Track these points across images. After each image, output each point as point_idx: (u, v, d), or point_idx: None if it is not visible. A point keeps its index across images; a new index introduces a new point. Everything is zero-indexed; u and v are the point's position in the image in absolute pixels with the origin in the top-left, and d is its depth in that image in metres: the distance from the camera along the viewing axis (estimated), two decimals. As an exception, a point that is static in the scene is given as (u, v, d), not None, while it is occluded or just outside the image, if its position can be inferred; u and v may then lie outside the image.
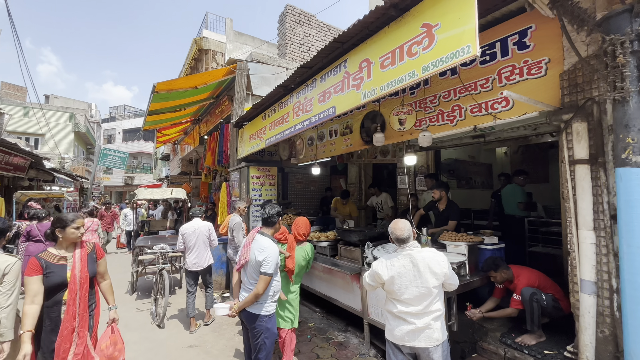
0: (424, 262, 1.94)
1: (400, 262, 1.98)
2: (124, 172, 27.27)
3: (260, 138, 4.93)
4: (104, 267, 2.41)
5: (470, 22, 1.91)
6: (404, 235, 2.00)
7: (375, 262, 2.09)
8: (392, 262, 2.00)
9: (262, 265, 2.29)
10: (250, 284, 2.38)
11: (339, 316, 4.21)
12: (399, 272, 1.95)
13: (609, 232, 2.17)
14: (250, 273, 2.39)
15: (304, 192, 6.88)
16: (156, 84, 5.25)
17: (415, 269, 1.94)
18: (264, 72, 6.30)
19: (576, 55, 2.11)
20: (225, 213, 6.26)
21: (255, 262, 2.34)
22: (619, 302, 2.13)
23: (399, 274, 1.95)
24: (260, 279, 2.29)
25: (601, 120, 2.23)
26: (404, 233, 2.01)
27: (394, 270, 1.97)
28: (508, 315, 2.78)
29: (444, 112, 3.35)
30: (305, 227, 3.20)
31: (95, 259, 2.32)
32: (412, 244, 2.02)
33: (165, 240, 5.59)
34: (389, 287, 1.98)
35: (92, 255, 2.30)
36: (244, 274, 2.46)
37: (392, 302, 2.01)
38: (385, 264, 2.02)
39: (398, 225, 2.05)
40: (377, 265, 2.04)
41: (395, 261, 1.99)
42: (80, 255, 2.22)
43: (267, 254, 2.31)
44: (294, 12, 6.90)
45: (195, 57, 11.50)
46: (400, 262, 1.98)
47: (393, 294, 1.98)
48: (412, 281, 1.93)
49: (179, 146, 13.22)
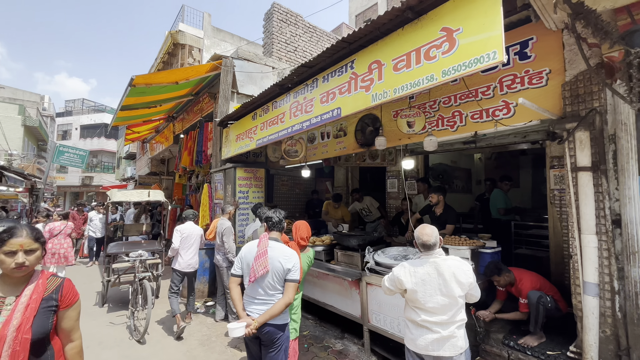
0: (449, 271, 1.89)
1: (425, 269, 1.92)
2: (82, 172, 25.15)
3: (250, 138, 4.71)
4: (73, 320, 1.47)
5: (496, 29, 1.92)
6: (431, 242, 1.95)
7: (397, 267, 2.02)
8: (416, 269, 1.94)
9: (291, 272, 2.21)
10: (269, 295, 2.19)
11: (333, 323, 4.11)
12: (423, 280, 1.89)
13: (611, 237, 2.29)
14: (271, 283, 2.20)
15: (289, 194, 6.71)
16: (134, 76, 4.84)
17: (440, 277, 1.88)
18: (250, 70, 6.07)
19: (587, 67, 2.21)
20: (206, 216, 5.92)
21: (282, 270, 2.20)
22: (620, 303, 2.24)
23: (423, 282, 1.89)
24: (290, 287, 2.20)
25: (603, 129, 2.36)
26: (430, 239, 1.95)
27: (417, 277, 1.91)
28: (519, 318, 2.85)
29: (444, 117, 3.39)
30: (307, 230, 3.03)
31: (57, 306, 1.41)
32: (437, 251, 1.97)
33: (141, 246, 5.15)
34: (411, 295, 1.92)
35: (51, 302, 1.39)
36: (254, 286, 2.21)
37: (414, 311, 1.95)
38: (409, 270, 1.95)
39: (425, 231, 1.99)
40: (399, 271, 1.98)
41: (419, 268, 1.93)
42: (28, 300, 1.33)
43: (295, 261, 2.25)
44: (281, 11, 6.75)
45: (169, 52, 10.90)
46: (425, 270, 1.92)
47: (416, 302, 1.92)
48: (437, 290, 1.87)
49: (148, 145, 12.43)
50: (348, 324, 3.88)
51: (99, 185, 24.26)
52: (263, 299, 2.19)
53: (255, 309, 2.18)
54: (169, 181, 11.74)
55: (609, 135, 2.32)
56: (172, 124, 9.45)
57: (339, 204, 5.42)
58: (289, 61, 6.92)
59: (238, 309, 2.21)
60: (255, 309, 2.18)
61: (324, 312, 4.19)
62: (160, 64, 11.52)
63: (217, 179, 5.72)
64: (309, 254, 2.99)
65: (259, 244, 2.30)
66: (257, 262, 2.19)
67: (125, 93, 5.29)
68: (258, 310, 2.17)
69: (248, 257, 2.29)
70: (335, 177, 6.79)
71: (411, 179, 5.23)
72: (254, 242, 2.38)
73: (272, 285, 2.19)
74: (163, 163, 12.13)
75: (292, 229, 3.14)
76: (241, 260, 2.33)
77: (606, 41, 1.76)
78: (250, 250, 2.31)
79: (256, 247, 2.28)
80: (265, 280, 2.19)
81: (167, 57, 11.30)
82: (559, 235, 3.59)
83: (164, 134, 10.34)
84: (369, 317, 3.38)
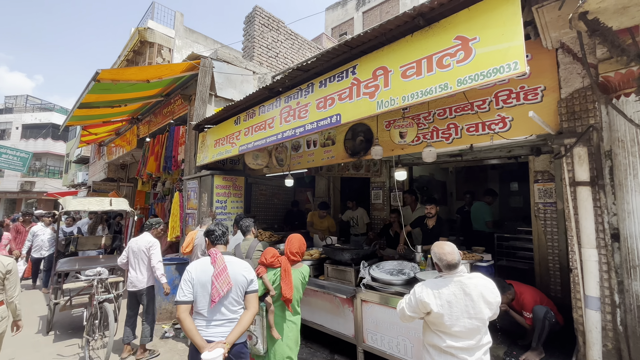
0: (477, 290, 1.75)
1: (450, 289, 1.76)
2: (21, 176, 22.37)
3: (232, 144, 4.39)
4: None
5: (516, 39, 1.89)
6: (456, 260, 1.80)
7: (418, 288, 1.84)
8: (440, 290, 1.77)
9: (253, 283, 2.18)
10: (233, 312, 2.07)
11: (320, 343, 3.84)
12: (449, 302, 1.74)
13: (610, 250, 2.34)
14: (234, 299, 2.10)
15: (268, 204, 6.38)
16: (100, 70, 4.33)
17: (467, 298, 1.73)
18: (230, 72, 5.76)
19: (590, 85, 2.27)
20: (177, 227, 5.40)
21: (246, 283, 2.15)
22: (621, 316, 2.27)
23: (449, 304, 1.74)
24: (253, 298, 2.15)
25: (599, 146, 2.43)
26: (455, 257, 1.81)
27: (443, 299, 1.75)
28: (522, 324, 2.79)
29: (438, 129, 3.37)
30: (299, 245, 2.78)
31: None
32: (461, 269, 1.83)
33: (98, 262, 4.51)
34: (436, 318, 1.75)
35: None
36: (217, 307, 2.02)
37: (438, 335, 1.78)
38: (432, 291, 1.78)
39: (446, 250, 1.83)
40: (422, 293, 1.80)
41: (444, 289, 1.77)
42: None
43: (253, 272, 2.25)
44: (263, 15, 6.55)
45: (135, 49, 10.16)
46: (450, 290, 1.76)
47: (441, 326, 1.75)
48: (464, 312, 1.72)
49: (106, 148, 11.36)
50: (338, 344, 3.64)
51: (43, 192, 21.69)
52: (226, 319, 2.04)
53: (216, 332, 2.00)
54: (129, 188, 10.76)
55: (605, 152, 2.40)
56: (136, 126, 8.71)
57: (326, 213, 5.20)
58: (270, 66, 6.71)
59: (197, 339, 1.92)
60: (217, 332, 2.00)
61: (310, 332, 3.91)
62: (123, 62, 10.70)
63: (191, 187, 5.26)
64: (301, 270, 2.72)
65: (214, 261, 2.10)
66: (219, 280, 2.02)
67: (87, 89, 4.72)
68: (221, 333, 2.00)
69: (202, 278, 2.05)
70: (317, 187, 6.60)
71: (397, 191, 5.21)
72: (202, 261, 2.15)
73: (236, 300, 2.10)
74: (123, 169, 11.12)
75: (285, 242, 2.87)
76: (192, 283, 2.03)
77: (622, 58, 1.80)
78: (203, 270, 2.08)
79: (210, 265, 2.10)
80: (229, 297, 2.06)
81: (132, 55, 10.53)
82: (543, 247, 3.71)
83: (125, 137, 9.50)
84: (364, 336, 3.18)
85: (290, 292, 2.56)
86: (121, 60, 10.66)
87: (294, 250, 2.73)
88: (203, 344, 1.90)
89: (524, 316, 2.78)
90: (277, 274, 2.64)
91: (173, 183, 7.30)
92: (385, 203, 5.40)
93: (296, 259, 2.73)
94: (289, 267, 2.65)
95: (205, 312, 2.02)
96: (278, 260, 2.71)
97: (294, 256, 2.72)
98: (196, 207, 5.04)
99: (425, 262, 3.18)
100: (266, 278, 2.63)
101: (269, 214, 6.35)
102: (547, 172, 3.74)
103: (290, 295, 2.55)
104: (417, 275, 2.89)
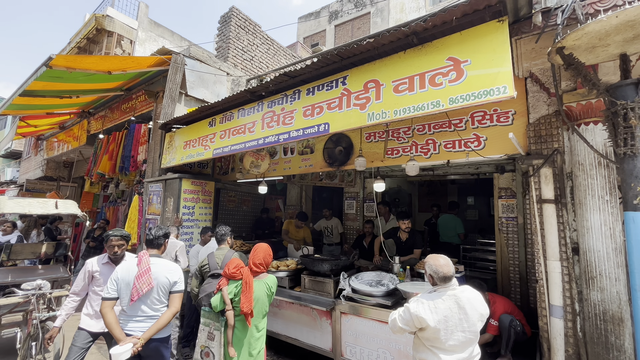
0: (470, 304, 1.78)
1: (446, 304, 1.77)
2: None
3: (205, 147, 4.14)
4: None
5: (505, 65, 2.03)
6: (451, 273, 1.83)
7: (413, 303, 1.83)
8: (436, 304, 1.77)
9: (177, 284, 2.34)
10: (155, 310, 2.27)
11: (292, 357, 3.69)
12: (445, 316, 1.74)
13: (571, 262, 2.57)
14: (157, 298, 2.29)
15: (236, 211, 6.09)
16: (54, 55, 3.85)
17: (461, 311, 1.76)
18: (203, 71, 5.48)
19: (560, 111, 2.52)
20: (134, 234, 4.91)
21: (169, 284, 2.32)
22: (581, 323, 2.49)
23: (445, 318, 1.74)
24: (176, 298, 2.32)
25: (562, 168, 2.69)
26: (450, 270, 1.83)
27: (440, 314, 1.75)
28: (485, 341, 2.94)
29: (417, 144, 3.50)
30: (264, 255, 2.60)
31: None
32: (454, 282, 1.86)
33: (36, 273, 3.90)
34: (432, 334, 1.74)
35: None
36: (137, 304, 2.23)
37: (431, 351, 1.77)
38: (428, 306, 1.77)
39: (441, 262, 1.84)
40: (418, 308, 1.78)
41: (439, 303, 1.77)
42: None
43: (180, 274, 2.38)
44: (240, 17, 6.38)
45: (89, 37, 9.27)
46: (446, 304, 1.76)
47: (436, 342, 1.75)
48: (458, 325, 1.74)
49: (45, 142, 10.10)
50: (310, 358, 3.53)
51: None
52: (147, 315, 2.24)
53: (136, 327, 2.20)
54: (72, 189, 9.63)
55: (567, 173, 2.66)
56: (86, 120, 7.89)
57: (303, 224, 5.07)
58: (244, 69, 6.52)
59: (117, 332, 2.14)
60: (137, 327, 2.20)
61: (282, 346, 3.76)
62: (74, 49, 9.69)
63: (154, 190, 4.84)
64: (266, 281, 2.54)
65: (139, 262, 2.29)
66: (140, 281, 2.22)
67: (36, 74, 4.17)
68: (141, 328, 2.20)
69: (126, 277, 2.27)
70: (288, 195, 6.47)
71: (369, 201, 5.29)
72: (130, 262, 2.36)
73: (159, 299, 2.28)
74: (66, 167, 9.96)
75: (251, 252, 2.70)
76: (116, 281, 2.27)
77: (592, 91, 2.03)
78: (128, 270, 2.30)
79: (135, 266, 2.29)
80: (151, 296, 2.26)
81: (85, 43, 9.59)
82: (505, 259, 4.00)
83: (72, 131, 8.55)
84: (342, 350, 3.11)
85: (249, 305, 2.37)
86: (71, 47, 9.65)
87: (257, 261, 2.56)
88: (121, 337, 2.11)
89: (489, 324, 2.92)
90: (238, 287, 2.48)
91: (129, 185, 6.68)
92: (359, 213, 5.46)
93: (260, 270, 2.57)
94: (250, 280, 2.47)
95: (126, 309, 2.24)
96: (240, 271, 2.54)
97: (258, 267, 2.56)
98: (159, 212, 4.64)
99: (403, 273, 3.24)
100: (225, 291, 2.48)
101: (237, 221, 6.06)
102: (509, 188, 4.07)
103: (249, 309, 2.36)
104: (398, 286, 2.92)
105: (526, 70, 2.89)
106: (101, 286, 2.59)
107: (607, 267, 2.36)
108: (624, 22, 1.73)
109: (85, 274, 2.64)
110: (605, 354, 2.33)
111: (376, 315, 2.94)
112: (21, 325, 3.30)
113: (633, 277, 1.79)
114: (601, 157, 2.41)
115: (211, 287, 2.73)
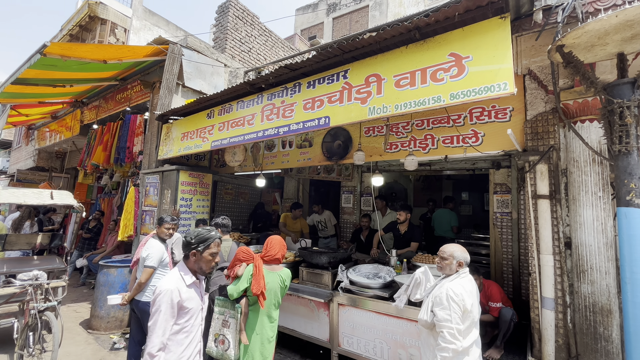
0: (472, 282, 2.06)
1: (470, 284, 2.03)
2: None
3: (203, 138, 4.12)
4: None
5: (506, 62, 2.06)
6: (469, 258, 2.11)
7: (451, 293, 1.89)
8: (465, 287, 1.96)
9: (146, 260, 2.95)
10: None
11: (290, 348, 3.75)
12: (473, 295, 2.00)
13: (564, 256, 2.65)
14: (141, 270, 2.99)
15: (233, 204, 6.09)
16: (49, 43, 3.77)
17: (475, 289, 2.05)
18: (201, 62, 5.42)
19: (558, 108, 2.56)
20: (130, 226, 4.89)
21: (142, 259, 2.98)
22: (571, 315, 2.58)
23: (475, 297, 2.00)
24: (144, 272, 2.94)
25: (558, 164, 2.75)
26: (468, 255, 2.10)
27: (473, 296, 1.97)
28: (486, 320, 3.01)
29: (416, 139, 3.53)
30: (279, 247, 2.63)
31: None
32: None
33: (32, 263, 3.87)
34: (470, 316, 1.94)
35: None
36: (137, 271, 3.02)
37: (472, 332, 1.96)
38: (463, 291, 1.93)
39: (464, 249, 2.10)
40: (458, 296, 1.88)
41: (467, 285, 1.99)
42: None
43: (149, 251, 2.98)
44: (238, 7, 6.28)
45: (82, 24, 9.08)
46: (471, 284, 2.03)
47: (472, 321, 1.95)
48: (477, 304, 2.01)
49: (37, 132, 9.91)
50: (308, 348, 3.59)
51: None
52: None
53: None
54: (65, 180, 9.50)
55: (562, 169, 2.72)
56: (80, 110, 7.75)
57: (300, 212, 5.08)
58: (242, 61, 6.45)
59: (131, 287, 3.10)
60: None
61: (280, 337, 3.80)
62: (66, 37, 9.48)
63: (150, 182, 4.81)
64: (280, 273, 2.57)
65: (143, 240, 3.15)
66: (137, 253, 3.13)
67: (29, 62, 4.08)
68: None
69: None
70: (285, 188, 6.48)
71: (366, 195, 5.33)
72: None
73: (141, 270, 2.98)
74: (59, 157, 9.80)
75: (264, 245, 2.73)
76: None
77: (589, 89, 2.07)
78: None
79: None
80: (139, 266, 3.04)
81: (77, 30, 9.39)
82: (499, 253, 4.08)
83: (65, 121, 8.40)
84: (339, 340, 3.17)
85: (259, 287, 2.38)
86: (64, 34, 9.44)
87: (273, 253, 2.59)
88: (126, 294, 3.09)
89: (490, 306, 3.00)
90: (250, 271, 2.50)
91: (123, 176, 6.62)
92: (356, 207, 5.50)
93: (276, 262, 2.62)
94: (260, 263, 2.51)
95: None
96: (251, 254, 2.59)
97: (273, 260, 2.59)
98: (156, 204, 4.62)
99: (400, 266, 3.30)
100: (243, 268, 2.50)
101: (233, 214, 6.06)
102: (505, 184, 4.13)
103: (259, 290, 2.38)
104: (395, 278, 2.98)
105: (525, 68, 2.92)
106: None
107: (598, 261, 2.44)
108: (624, 21, 1.76)
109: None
110: (593, 344, 2.42)
111: (373, 306, 3.00)
112: (17, 315, 3.28)
113: (623, 270, 1.86)
114: (595, 154, 2.47)
115: (221, 279, 2.77)
